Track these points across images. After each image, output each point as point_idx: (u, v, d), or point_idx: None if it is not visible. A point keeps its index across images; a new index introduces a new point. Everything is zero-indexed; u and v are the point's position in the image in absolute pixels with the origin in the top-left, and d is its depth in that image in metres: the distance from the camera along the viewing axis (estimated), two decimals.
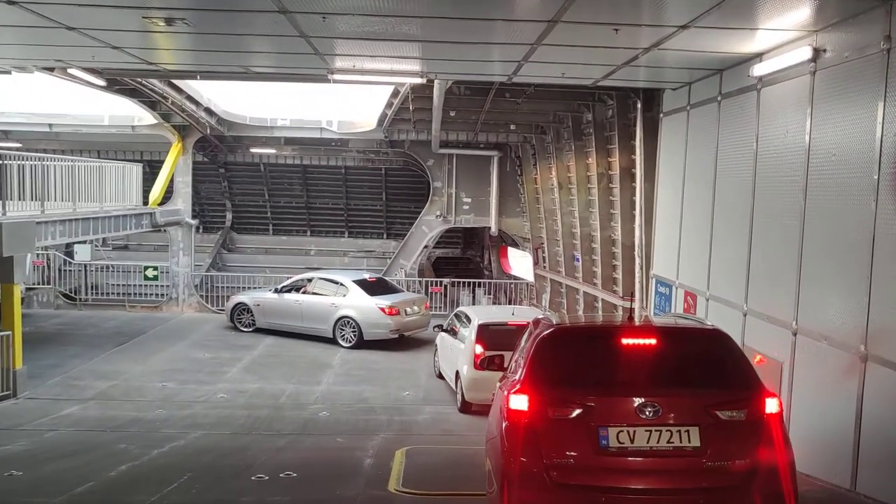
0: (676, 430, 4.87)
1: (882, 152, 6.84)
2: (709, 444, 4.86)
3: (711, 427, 4.89)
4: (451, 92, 16.72)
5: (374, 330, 18.19)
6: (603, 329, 6.38)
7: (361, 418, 12.30)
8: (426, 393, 14.43)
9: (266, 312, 19.48)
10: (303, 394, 14.06)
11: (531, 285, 24.19)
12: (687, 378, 5.27)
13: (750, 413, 5.01)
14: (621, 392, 5.07)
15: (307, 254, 28.13)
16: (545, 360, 5.37)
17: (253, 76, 12.89)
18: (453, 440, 10.69)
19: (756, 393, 5.13)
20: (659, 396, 4.95)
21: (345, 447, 10.10)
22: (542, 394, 5.07)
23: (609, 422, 4.90)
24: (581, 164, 18.15)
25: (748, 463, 4.87)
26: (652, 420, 4.87)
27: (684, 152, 12.11)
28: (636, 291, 14.55)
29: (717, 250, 10.71)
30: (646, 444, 4.86)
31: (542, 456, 4.89)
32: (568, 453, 4.93)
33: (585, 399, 4.98)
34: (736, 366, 5.32)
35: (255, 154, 25.60)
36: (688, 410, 4.97)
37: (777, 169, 8.92)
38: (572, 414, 4.95)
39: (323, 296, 18.95)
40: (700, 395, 5.07)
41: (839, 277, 7.49)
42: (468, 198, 24.31)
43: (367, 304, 18.29)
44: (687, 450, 4.85)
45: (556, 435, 4.96)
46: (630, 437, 4.87)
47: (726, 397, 5.07)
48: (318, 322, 18.69)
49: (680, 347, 5.56)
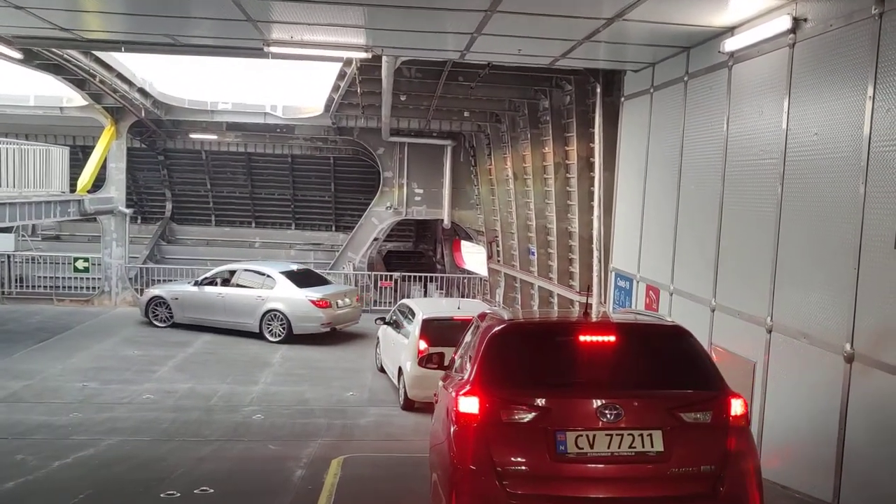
0: (639, 435, 4.55)
1: (872, 131, 6.14)
2: (673, 448, 4.55)
3: (675, 430, 4.58)
4: (401, 74, 15.82)
5: (304, 324, 17.32)
6: (559, 325, 6.00)
7: (299, 422, 11.32)
8: (371, 393, 13.51)
9: (185, 306, 18.29)
10: (237, 395, 13.02)
11: (485, 280, 23.41)
12: (648, 378, 5.02)
13: (715, 415, 4.70)
14: (579, 393, 4.74)
15: (252, 246, 26.96)
16: (497, 358, 4.99)
17: (182, 49, 11.76)
18: (397, 446, 9.80)
19: (721, 393, 4.81)
20: (620, 398, 4.61)
21: (275, 456, 9.12)
22: (494, 395, 4.69)
23: (567, 426, 4.56)
24: (537, 153, 17.42)
25: (714, 469, 4.56)
26: (612, 423, 4.54)
27: (647, 138, 11.38)
28: (594, 286, 13.83)
29: (682, 241, 10.00)
30: (606, 450, 4.53)
31: (494, 464, 4.51)
32: (522, 461, 4.57)
33: (541, 401, 4.64)
34: (699, 364, 5.03)
35: (195, 140, 24.34)
36: (650, 413, 4.66)
37: (750, 153, 8.21)
38: (527, 417, 4.61)
39: (248, 288, 17.91)
40: (663, 396, 4.78)
41: (821, 269, 6.78)
42: (420, 189, 23.41)
43: (296, 296, 17.38)
44: (650, 455, 4.54)
45: (510, 441, 4.59)
46: (589, 443, 4.53)
47: (690, 398, 4.78)
48: (244, 316, 17.67)
49: (640, 345, 5.26)
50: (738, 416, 4.78)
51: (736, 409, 4.77)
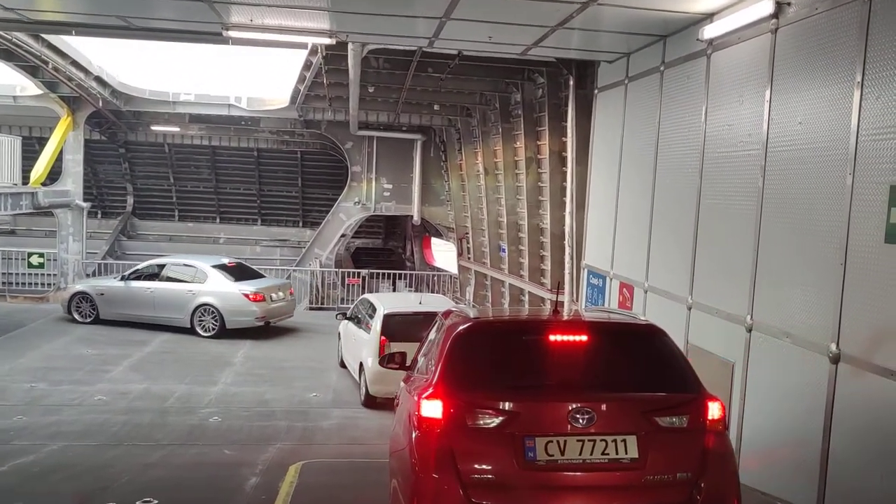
0: (612, 440, 4.30)
1: (860, 119, 5.81)
2: (648, 455, 4.32)
3: (650, 435, 4.35)
4: (368, 64, 15.35)
5: (237, 318, 16.95)
6: (527, 324, 5.66)
7: (258, 424, 10.80)
8: (336, 394, 13.02)
9: (111, 302, 17.63)
10: (195, 396, 12.44)
11: (455, 278, 23.00)
12: (622, 380, 4.76)
13: (692, 419, 4.48)
14: (549, 397, 4.47)
15: (216, 242, 26.30)
16: (462, 359, 4.69)
17: (137, 32, 11.13)
18: (360, 451, 9.32)
19: (698, 396, 4.58)
20: (592, 401, 4.36)
21: (230, 462, 8.60)
22: (459, 399, 4.41)
23: (536, 431, 4.29)
24: (509, 148, 17.05)
25: (691, 476, 4.34)
26: (584, 428, 4.28)
27: (621, 131, 11.02)
28: (566, 283, 13.48)
29: (657, 237, 9.65)
30: (578, 457, 4.27)
31: (458, 472, 4.24)
32: (489, 468, 4.29)
33: (508, 405, 4.37)
34: (674, 365, 4.78)
35: (158, 133, 23.62)
36: (624, 417, 4.41)
37: (729, 145, 7.86)
38: (493, 422, 4.33)
39: (179, 283, 17.36)
40: (637, 399, 4.53)
41: (805, 265, 6.44)
42: (389, 184, 22.93)
43: (229, 290, 16.97)
44: (624, 462, 4.30)
45: (476, 447, 4.33)
46: (560, 449, 4.27)
47: (666, 401, 4.54)
48: (174, 311, 17.15)
49: (613, 345, 4.98)
50: (716, 419, 4.56)
51: (713, 413, 4.55)
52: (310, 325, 19.42)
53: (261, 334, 17.76)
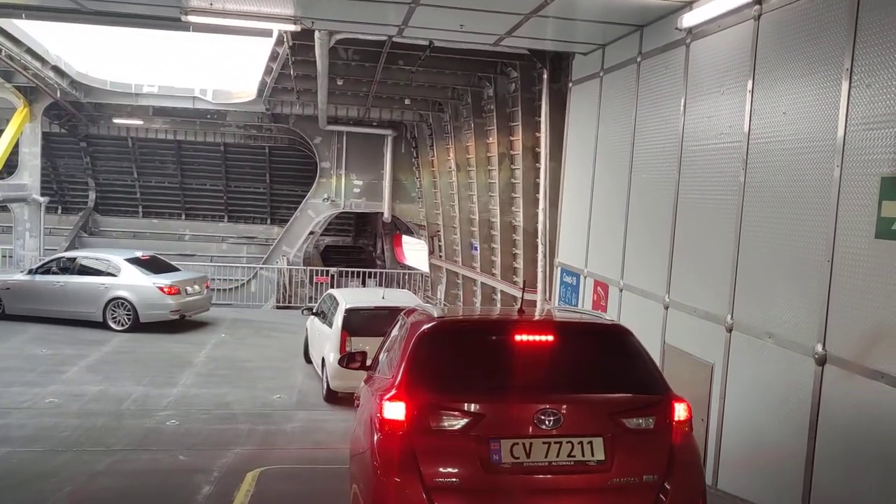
0: (578, 442, 4.20)
1: (849, 108, 5.52)
2: (614, 457, 4.22)
3: (617, 437, 4.26)
4: (337, 56, 14.89)
5: (152, 311, 16.62)
6: (493, 324, 5.42)
7: (217, 428, 10.30)
8: (301, 396, 12.54)
9: (18, 297, 16.99)
10: (152, 398, 11.89)
11: (426, 276, 22.61)
12: (589, 381, 4.62)
13: (658, 420, 4.39)
14: (515, 398, 4.34)
15: (181, 239, 25.64)
16: (426, 359, 4.52)
17: (90, 17, 10.61)
18: (323, 456, 8.88)
19: (665, 397, 4.50)
20: (558, 403, 4.25)
21: (184, 468, 8.12)
22: (422, 401, 4.27)
23: (501, 433, 4.18)
24: (481, 143, 16.71)
25: (657, 478, 4.24)
26: (551, 431, 4.17)
27: (596, 125, 10.71)
28: (538, 282, 13.16)
29: (633, 234, 9.35)
30: (544, 459, 4.16)
31: (421, 476, 4.09)
32: (453, 472, 4.16)
33: (473, 406, 4.25)
34: (641, 366, 4.67)
35: (120, 126, 22.93)
36: (591, 419, 4.31)
37: (709, 137, 7.57)
38: (458, 424, 4.21)
39: (90, 276, 16.85)
40: (604, 400, 4.45)
41: (790, 262, 6.14)
42: (359, 181, 22.48)
43: (143, 283, 16.62)
44: (591, 464, 4.20)
45: (439, 450, 4.20)
46: (526, 452, 4.15)
47: (632, 402, 4.44)
48: (85, 305, 16.66)
49: (579, 345, 4.83)
50: (682, 420, 4.47)
51: (680, 414, 4.46)
52: (276, 325, 18.90)
53: (224, 334, 17.27)
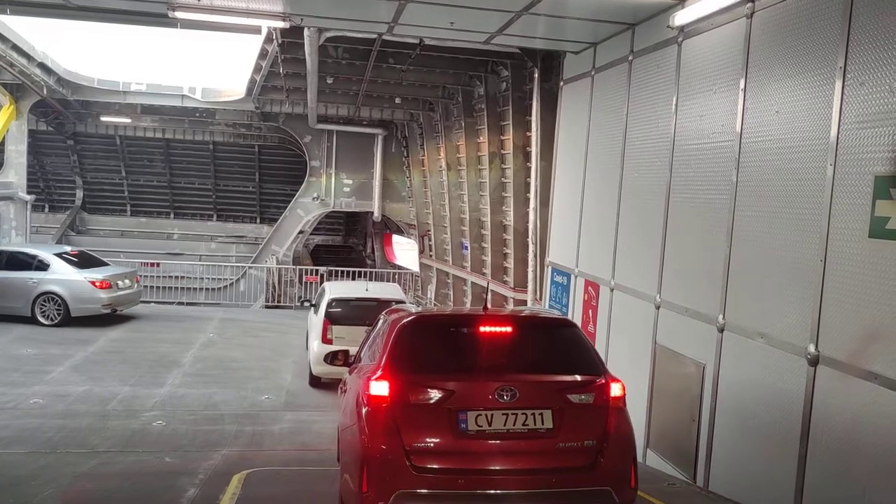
0: (531, 413, 4.99)
1: (843, 106, 5.47)
2: (561, 426, 5.02)
3: (563, 410, 5.05)
4: (327, 54, 14.79)
5: (83, 305, 16.61)
6: (461, 318, 6.36)
7: (204, 429, 10.17)
8: (290, 397, 12.44)
9: None
10: (139, 398, 11.76)
11: (416, 276, 22.51)
12: (541, 364, 5.45)
13: (597, 397, 5.19)
14: (479, 378, 5.13)
15: (169, 238, 25.45)
16: (405, 347, 5.35)
17: (76, 13, 10.45)
18: (312, 458, 8.78)
19: (602, 378, 5.31)
20: (515, 381, 5.05)
21: (169, 470, 8.00)
22: (403, 380, 5.07)
23: (468, 406, 4.96)
24: (472, 143, 16.64)
25: (595, 444, 5.06)
26: (508, 404, 4.96)
27: (587, 124, 10.65)
28: (529, 282, 13.10)
29: (624, 234, 9.29)
30: (503, 427, 4.96)
31: (402, 441, 4.88)
32: (428, 438, 4.94)
33: (445, 385, 5.01)
34: (585, 353, 5.54)
35: (108, 124, 22.71)
36: (542, 394, 5.10)
37: (701, 136, 7.51)
38: (432, 399, 4.98)
39: (17, 271, 16.70)
40: (553, 380, 5.23)
41: (782, 262, 6.09)
42: (349, 180, 22.36)
43: (74, 278, 16.61)
44: (541, 432, 5.00)
45: (416, 420, 4.97)
46: (488, 421, 4.95)
47: (576, 382, 5.25)
48: (12, 300, 16.52)
49: (534, 336, 5.72)
50: (617, 397, 5.26)
51: (615, 392, 5.25)
52: (265, 325, 18.79)
53: (212, 334, 17.15)
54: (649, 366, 8.32)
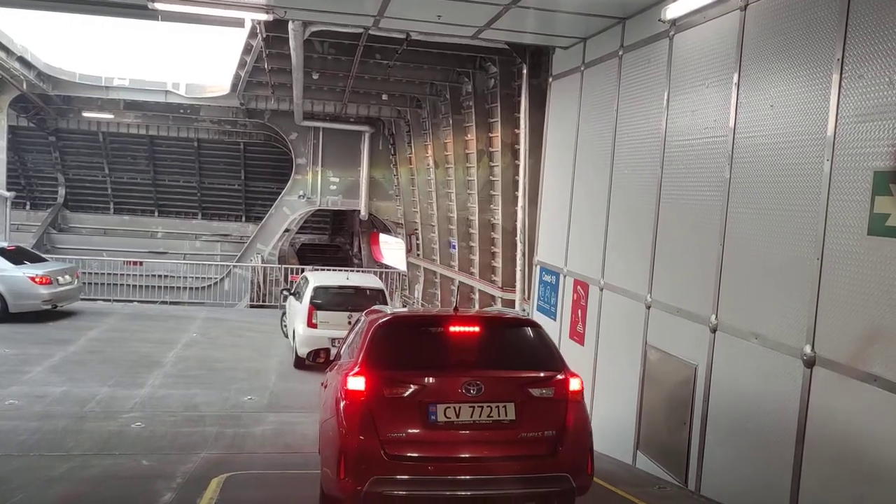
0: (496, 406, 5.36)
1: (840, 100, 5.31)
2: (523, 417, 5.39)
3: (525, 403, 5.42)
4: (312, 49, 14.56)
5: (22, 301, 16.35)
6: (433, 318, 6.65)
7: (184, 431, 9.91)
8: (273, 397, 12.19)
9: None
10: (118, 399, 11.47)
11: (403, 275, 22.30)
12: (505, 361, 5.79)
13: (557, 391, 5.55)
14: (448, 373, 5.48)
15: (153, 236, 25.12)
16: (381, 345, 5.70)
17: (54, 3, 10.19)
18: (293, 461, 8.54)
19: (562, 374, 5.66)
20: (481, 377, 5.39)
21: (145, 474, 7.75)
22: (378, 375, 5.41)
23: (437, 399, 5.32)
24: (459, 140, 16.44)
25: (555, 434, 5.42)
26: (475, 397, 5.32)
27: (577, 121, 10.48)
28: (517, 281, 12.92)
29: (614, 232, 9.11)
30: (469, 419, 5.32)
31: (377, 432, 5.23)
32: (401, 429, 5.29)
33: (416, 380, 5.36)
34: (546, 350, 5.91)
35: (91, 120, 22.35)
36: (505, 389, 5.45)
37: (693, 132, 7.35)
38: (405, 393, 5.33)
39: None
40: (516, 375, 5.58)
41: (777, 260, 5.93)
42: (336, 177, 22.11)
43: (13, 274, 16.32)
44: (504, 423, 5.36)
45: (390, 412, 5.31)
46: (456, 413, 5.31)
47: (537, 377, 5.59)
48: None
49: (500, 335, 6.08)
50: (575, 391, 5.62)
51: (574, 386, 5.62)
52: (249, 324, 18.51)
53: (195, 334, 16.87)
54: (639, 367, 8.15)
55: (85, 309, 19.41)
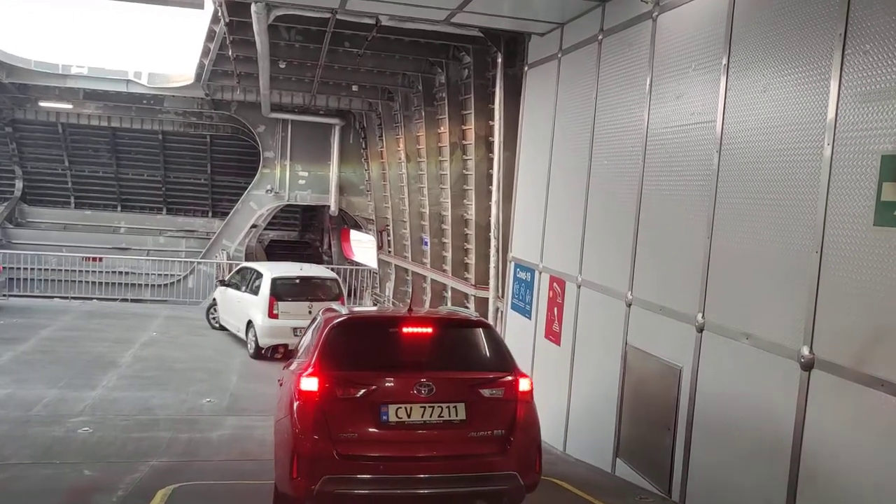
0: (446, 406, 5.45)
1: (842, 77, 4.87)
2: (473, 417, 5.49)
3: (475, 403, 5.53)
4: (278, 36, 13.92)
5: None
6: (386, 319, 6.81)
7: (135, 436, 9.27)
8: (234, 400, 11.59)
9: None
10: (68, 402, 10.80)
11: (374, 273, 21.72)
12: (457, 362, 5.94)
13: (507, 391, 5.67)
14: (400, 374, 5.56)
15: (116, 231, 24.26)
16: (334, 346, 5.76)
17: None
18: (249, 468, 7.96)
19: (512, 374, 5.77)
20: (433, 378, 5.48)
21: (85, 486, 7.11)
22: (331, 376, 5.48)
23: (389, 400, 5.39)
24: (432, 133, 15.90)
25: (504, 433, 5.55)
26: (426, 398, 5.41)
27: (553, 111, 10.00)
28: (490, 278, 12.42)
29: (593, 226, 8.64)
30: (420, 419, 5.40)
31: (329, 432, 5.30)
32: (353, 428, 5.37)
33: (369, 381, 5.44)
34: (497, 351, 6.01)
35: (49, 111, 21.48)
36: (456, 389, 5.55)
37: (679, 119, 6.89)
38: (357, 394, 5.41)
39: None
40: (467, 376, 5.70)
41: (772, 254, 5.47)
42: (305, 171, 21.48)
43: None
44: (455, 422, 5.46)
45: (342, 413, 5.39)
46: (407, 413, 5.39)
47: (488, 378, 5.70)
48: None
49: (451, 336, 6.19)
50: (525, 391, 5.73)
51: (523, 387, 5.73)
52: None
53: (155, 332, 16.21)
54: (619, 368, 7.68)
55: (40, 307, 18.62)
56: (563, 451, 9.06)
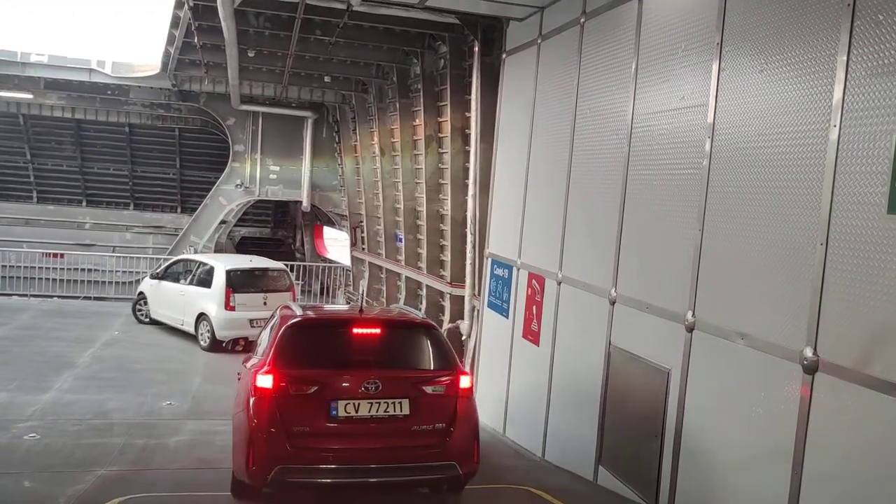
0: (392, 402, 5.90)
1: (850, 51, 4.44)
2: (416, 412, 5.95)
3: (419, 399, 5.99)
4: (246, 23, 13.34)
5: None
6: (337, 320, 7.14)
7: (85, 443, 8.68)
8: (195, 402, 11.02)
9: None
10: (16, 406, 10.17)
11: (348, 270, 21.16)
12: (402, 360, 6.45)
13: (448, 388, 6.11)
14: (350, 372, 6.00)
15: (80, 227, 23.45)
16: (289, 345, 6.13)
17: None
18: (206, 479, 7.41)
19: (454, 372, 6.21)
20: (380, 375, 5.92)
21: (22, 500, 6.54)
22: (285, 374, 5.88)
23: (338, 396, 5.84)
24: (407, 126, 15.39)
25: (445, 426, 6.01)
26: (373, 394, 5.85)
27: (532, 100, 9.53)
28: (467, 275, 11.94)
29: (574, 220, 8.18)
30: (367, 414, 5.85)
31: (283, 426, 5.74)
32: (305, 423, 5.82)
33: (320, 378, 5.90)
34: (440, 351, 6.40)
35: (9, 101, 20.63)
36: (401, 386, 5.99)
37: (667, 103, 6.44)
38: (309, 391, 5.86)
39: None
40: (411, 373, 6.21)
41: (771, 246, 5.03)
42: (276, 166, 20.84)
43: None
44: (399, 417, 5.92)
45: (295, 408, 5.84)
46: (355, 409, 5.84)
47: (431, 375, 6.19)
48: None
49: (398, 336, 6.65)
50: (465, 388, 6.20)
51: (463, 384, 6.19)
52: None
53: (117, 332, 15.58)
54: (602, 370, 7.21)
55: None
56: (542, 458, 8.59)
